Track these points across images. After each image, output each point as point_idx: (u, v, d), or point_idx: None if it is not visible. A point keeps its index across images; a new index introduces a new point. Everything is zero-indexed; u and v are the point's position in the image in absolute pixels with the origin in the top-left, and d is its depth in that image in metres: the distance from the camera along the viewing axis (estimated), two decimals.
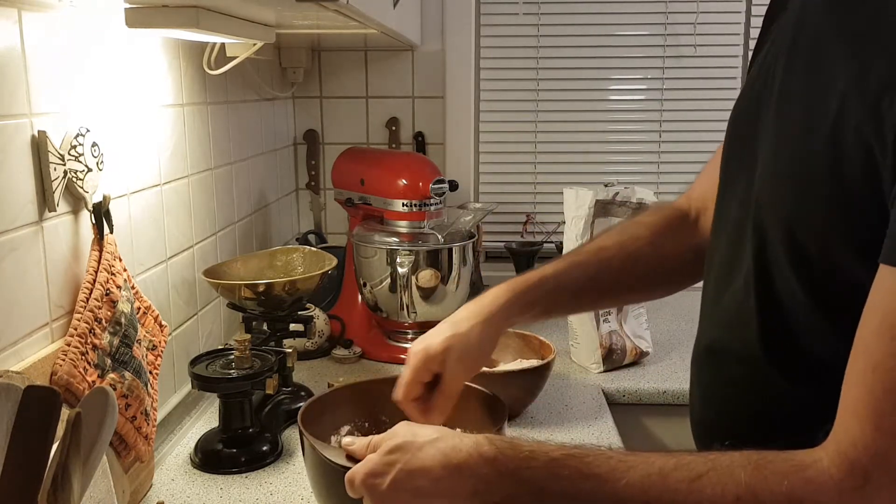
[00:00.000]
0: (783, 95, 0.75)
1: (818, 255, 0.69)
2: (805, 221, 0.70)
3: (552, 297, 1.00)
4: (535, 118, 2.20)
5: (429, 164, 1.69)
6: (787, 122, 0.74)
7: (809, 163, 0.69)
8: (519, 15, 2.15)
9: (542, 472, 0.70)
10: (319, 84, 2.16)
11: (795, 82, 0.74)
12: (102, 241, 1.02)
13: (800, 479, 0.64)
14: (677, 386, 1.54)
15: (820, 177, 0.67)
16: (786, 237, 0.72)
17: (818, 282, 0.70)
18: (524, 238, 2.22)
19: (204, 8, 0.98)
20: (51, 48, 0.96)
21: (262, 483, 1.15)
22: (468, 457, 0.73)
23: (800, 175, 0.70)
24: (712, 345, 0.85)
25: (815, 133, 0.68)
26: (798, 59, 0.74)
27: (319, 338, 1.63)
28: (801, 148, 0.71)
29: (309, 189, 2.20)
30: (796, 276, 0.71)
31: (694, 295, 0.95)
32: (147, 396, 1.06)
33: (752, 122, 0.80)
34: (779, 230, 0.73)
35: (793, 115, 0.73)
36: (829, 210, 0.67)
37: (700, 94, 2.17)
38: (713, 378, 0.85)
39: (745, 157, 0.80)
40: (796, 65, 0.74)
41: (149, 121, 1.25)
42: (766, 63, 0.80)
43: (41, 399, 0.67)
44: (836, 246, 0.67)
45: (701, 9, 2.12)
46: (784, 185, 0.73)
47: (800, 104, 0.72)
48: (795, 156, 0.71)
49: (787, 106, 0.75)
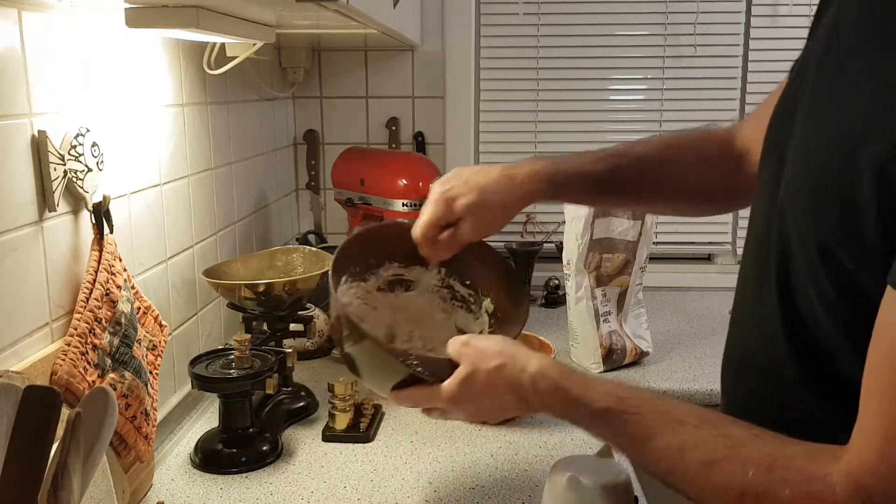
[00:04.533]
0: (813, 100, 0.74)
1: (833, 269, 0.68)
2: (820, 233, 0.69)
3: (583, 191, 1.04)
4: (535, 118, 2.20)
5: (429, 164, 1.69)
6: (812, 129, 0.73)
7: (824, 176, 0.68)
8: (519, 15, 2.15)
9: (584, 420, 0.81)
10: (319, 84, 2.17)
11: (823, 89, 0.73)
12: (102, 241, 1.02)
13: (803, 491, 0.64)
14: (677, 386, 1.54)
15: (834, 191, 0.66)
16: (804, 247, 0.70)
17: (833, 297, 0.69)
18: (524, 238, 2.22)
19: (204, 8, 0.98)
20: (51, 48, 0.96)
21: (262, 483, 1.15)
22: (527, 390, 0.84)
23: (815, 187, 0.69)
24: (737, 352, 0.85)
25: (833, 146, 0.67)
26: (830, 63, 0.73)
27: (319, 338, 1.62)
28: (819, 159, 0.69)
29: (309, 189, 2.20)
30: (814, 289, 0.70)
31: (694, 295, 0.95)
32: (147, 396, 1.06)
33: (787, 122, 0.79)
34: (798, 239, 0.72)
35: (817, 124, 0.72)
36: (841, 225, 0.66)
37: (700, 94, 2.17)
38: (738, 385, 0.85)
39: (775, 156, 0.79)
40: (827, 68, 0.73)
41: (149, 121, 1.25)
42: (806, 60, 0.79)
43: (41, 399, 0.67)
44: (848, 262, 0.66)
45: (701, 9, 2.11)
46: (804, 193, 0.72)
47: (823, 114, 0.71)
48: (812, 165, 0.70)
49: (814, 113, 0.74)
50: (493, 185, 1.00)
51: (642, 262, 1.63)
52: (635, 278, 1.63)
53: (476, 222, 1.00)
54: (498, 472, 1.18)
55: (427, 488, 1.13)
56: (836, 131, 0.68)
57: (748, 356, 0.83)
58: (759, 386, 0.80)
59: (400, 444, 1.27)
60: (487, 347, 0.88)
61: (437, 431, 1.31)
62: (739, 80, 2.16)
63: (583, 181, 1.02)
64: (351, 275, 1.06)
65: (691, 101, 2.17)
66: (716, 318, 1.95)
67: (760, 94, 2.13)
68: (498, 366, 0.85)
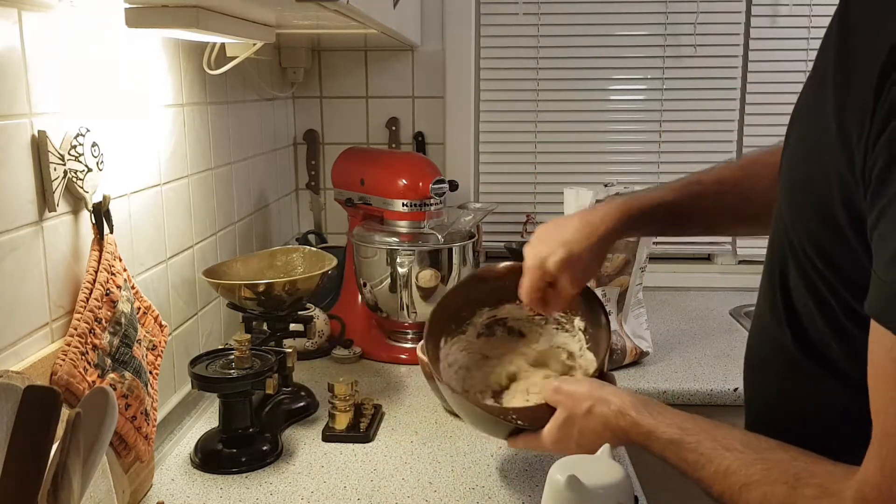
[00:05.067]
0: (802, 105, 0.77)
1: (816, 274, 0.72)
2: (805, 238, 0.72)
3: (661, 223, 1.09)
4: (535, 118, 2.20)
5: (429, 164, 1.69)
6: (801, 133, 0.76)
7: (808, 181, 0.71)
8: (519, 15, 2.15)
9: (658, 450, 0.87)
10: (319, 84, 2.16)
11: (810, 95, 0.75)
12: (102, 241, 1.02)
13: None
14: (677, 386, 1.54)
15: (816, 198, 0.70)
16: (792, 246, 0.74)
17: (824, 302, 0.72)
18: (524, 238, 2.22)
19: (204, 8, 0.98)
20: (51, 48, 0.96)
21: (262, 483, 1.15)
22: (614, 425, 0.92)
23: (799, 194, 0.72)
24: (752, 347, 0.89)
25: (815, 152, 0.70)
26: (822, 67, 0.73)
27: (319, 338, 1.63)
28: (803, 163, 0.72)
29: (309, 189, 2.20)
30: (806, 291, 0.74)
31: (694, 295, 0.97)
32: (147, 396, 1.06)
33: (792, 127, 0.81)
34: (787, 239, 0.75)
35: (803, 128, 0.74)
36: (822, 233, 0.70)
37: (700, 94, 2.17)
38: (753, 381, 0.90)
39: (784, 155, 0.82)
40: (818, 73, 0.74)
41: (149, 121, 1.25)
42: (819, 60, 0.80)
43: (41, 399, 0.67)
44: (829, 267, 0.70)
45: (701, 9, 2.11)
46: (790, 196, 0.75)
47: (807, 119, 0.74)
48: (800, 169, 0.73)
49: (805, 116, 0.76)
50: (574, 235, 1.04)
51: (642, 261, 1.63)
52: (635, 278, 1.63)
53: (571, 275, 1.05)
54: (498, 472, 1.18)
55: (427, 488, 1.13)
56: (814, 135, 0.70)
57: (757, 350, 0.87)
58: (770, 379, 0.84)
59: (400, 444, 1.27)
60: (576, 391, 0.96)
61: (437, 431, 1.31)
62: (739, 80, 2.16)
63: (661, 212, 1.06)
64: (448, 333, 1.17)
65: (691, 101, 2.17)
66: (716, 318, 1.95)
67: (760, 94, 2.14)
68: (588, 408, 0.94)
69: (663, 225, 1.10)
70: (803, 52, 2.10)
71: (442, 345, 1.16)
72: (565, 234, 1.05)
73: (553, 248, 1.05)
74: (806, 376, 0.77)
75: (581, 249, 1.04)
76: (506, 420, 1.01)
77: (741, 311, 2.00)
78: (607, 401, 0.93)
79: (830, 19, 0.74)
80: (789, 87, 2.10)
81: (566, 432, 0.96)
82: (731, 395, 1.52)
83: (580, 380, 1.01)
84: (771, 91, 2.13)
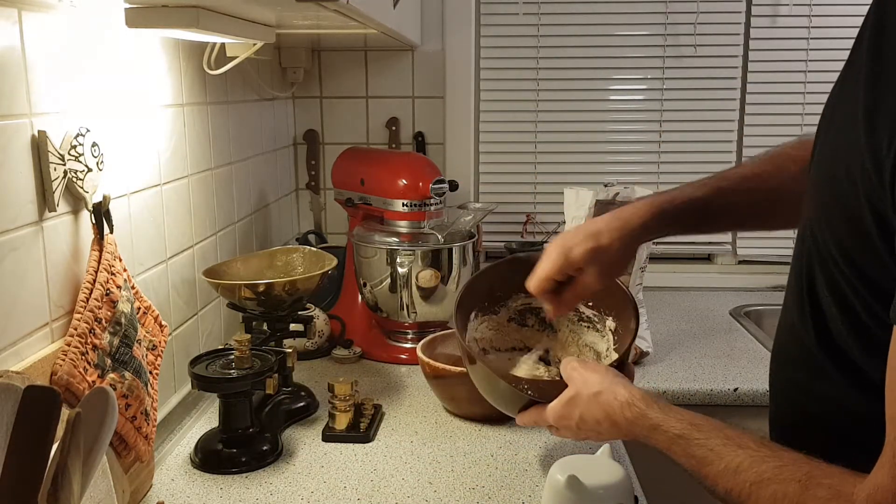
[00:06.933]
0: (830, 107, 0.77)
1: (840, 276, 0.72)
2: (831, 240, 0.72)
3: (691, 220, 1.05)
4: (535, 118, 2.20)
5: (429, 164, 1.69)
6: (828, 136, 0.76)
7: (835, 182, 0.70)
8: (519, 15, 2.15)
9: (664, 444, 0.86)
10: (319, 84, 2.17)
11: (842, 91, 0.75)
12: (102, 241, 1.02)
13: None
14: (677, 386, 1.54)
15: (842, 201, 0.69)
16: (818, 246, 0.74)
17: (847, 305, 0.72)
18: (524, 238, 2.22)
19: (204, 8, 0.98)
20: (51, 48, 0.96)
21: (262, 483, 1.15)
22: (618, 416, 0.92)
23: (827, 195, 0.72)
24: (780, 338, 0.89)
25: (841, 156, 0.70)
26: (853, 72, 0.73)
27: (319, 338, 1.63)
28: (831, 164, 0.72)
29: (309, 189, 2.20)
30: (830, 292, 0.74)
31: (694, 295, 0.97)
32: (147, 396, 1.06)
33: (820, 130, 0.81)
34: (812, 238, 0.75)
35: (830, 132, 0.74)
36: (848, 236, 0.69)
37: (700, 94, 2.17)
38: (776, 375, 0.90)
39: (814, 151, 0.81)
40: (847, 78, 0.74)
41: (149, 121, 1.25)
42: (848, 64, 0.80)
43: (41, 399, 0.67)
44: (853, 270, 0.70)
45: (701, 9, 2.12)
46: (818, 195, 0.75)
47: (838, 118, 0.74)
48: (825, 173, 0.73)
49: (833, 119, 0.76)
50: (605, 227, 1.01)
51: (642, 262, 1.63)
52: (635, 278, 1.63)
53: (598, 268, 1.02)
54: (498, 472, 1.18)
55: (427, 488, 1.13)
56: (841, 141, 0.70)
57: (783, 346, 0.87)
58: (793, 375, 0.84)
59: (400, 444, 1.27)
60: (591, 376, 0.96)
61: (437, 431, 1.31)
62: (739, 80, 2.16)
63: (691, 209, 1.03)
64: (481, 309, 1.18)
65: (691, 101, 2.17)
66: (716, 318, 1.95)
67: (760, 94, 2.14)
68: (596, 392, 0.94)
69: (694, 222, 1.07)
70: (803, 52, 2.10)
71: (472, 318, 1.16)
72: (594, 227, 1.02)
73: (580, 238, 1.02)
74: (827, 377, 0.77)
75: (610, 241, 1.00)
76: (518, 389, 1.01)
77: (741, 311, 2.00)
78: (616, 392, 0.93)
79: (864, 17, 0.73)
80: (789, 87, 2.10)
81: (569, 410, 0.96)
82: (731, 395, 1.52)
83: (599, 366, 1.00)
84: (771, 91, 2.13)
